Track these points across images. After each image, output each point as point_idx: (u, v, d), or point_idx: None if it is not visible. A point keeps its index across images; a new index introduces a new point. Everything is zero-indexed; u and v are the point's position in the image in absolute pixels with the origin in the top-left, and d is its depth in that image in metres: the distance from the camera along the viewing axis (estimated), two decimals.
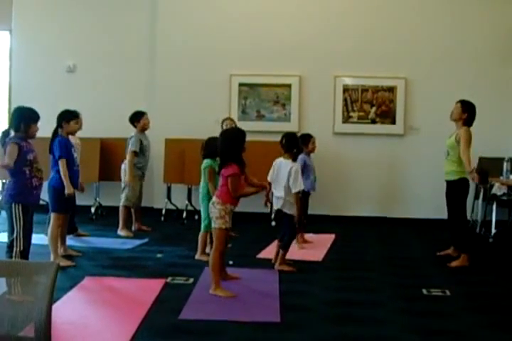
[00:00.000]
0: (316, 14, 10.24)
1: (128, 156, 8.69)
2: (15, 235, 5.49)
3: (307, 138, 8.30)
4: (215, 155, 6.40)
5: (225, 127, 7.36)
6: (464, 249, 7.09)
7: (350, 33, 10.16)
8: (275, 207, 6.78)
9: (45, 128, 7.38)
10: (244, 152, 5.71)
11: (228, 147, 5.64)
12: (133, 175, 8.66)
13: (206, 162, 6.76)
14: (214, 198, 5.72)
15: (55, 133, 7.01)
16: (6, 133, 5.77)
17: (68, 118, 7.06)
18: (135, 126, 8.87)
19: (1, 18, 10.93)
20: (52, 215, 6.88)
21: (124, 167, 8.79)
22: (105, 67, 10.69)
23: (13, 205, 5.54)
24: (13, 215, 5.52)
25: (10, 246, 5.53)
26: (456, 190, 7.15)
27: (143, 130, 8.90)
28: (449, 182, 7.22)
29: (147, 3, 10.61)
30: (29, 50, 10.89)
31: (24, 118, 5.76)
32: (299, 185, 6.52)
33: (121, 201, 8.76)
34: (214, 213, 5.64)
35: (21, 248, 5.49)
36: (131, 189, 8.72)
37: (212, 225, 5.72)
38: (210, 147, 6.70)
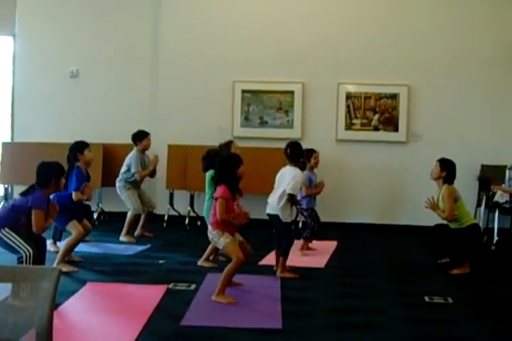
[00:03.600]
0: (319, 21, 10.26)
1: (138, 176, 8.77)
2: (16, 247, 5.49)
3: (310, 153, 8.17)
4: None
5: (233, 150, 7.30)
6: (460, 262, 7.08)
7: (354, 41, 10.18)
8: (267, 211, 6.76)
9: (49, 132, 7.42)
10: (242, 178, 5.80)
11: (222, 172, 5.75)
12: (124, 183, 8.78)
13: (211, 174, 6.73)
14: (209, 226, 5.78)
15: (71, 166, 7.10)
16: (32, 187, 5.74)
17: (81, 148, 7.22)
18: (136, 145, 8.89)
19: (5, 24, 10.95)
20: (70, 227, 6.83)
21: (119, 184, 8.84)
22: (108, 73, 10.71)
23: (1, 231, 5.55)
24: (5, 238, 5.52)
25: (18, 259, 5.54)
26: (468, 235, 7.11)
27: (143, 150, 8.92)
28: (458, 230, 7.17)
29: (150, 9, 10.63)
30: (32, 56, 10.91)
31: (55, 173, 5.78)
32: (294, 190, 6.53)
33: (130, 209, 8.80)
34: (213, 238, 5.72)
35: (30, 252, 5.44)
36: (132, 197, 8.75)
37: (219, 247, 5.76)
38: (211, 158, 6.73)
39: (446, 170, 7.21)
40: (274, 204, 6.64)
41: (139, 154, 8.84)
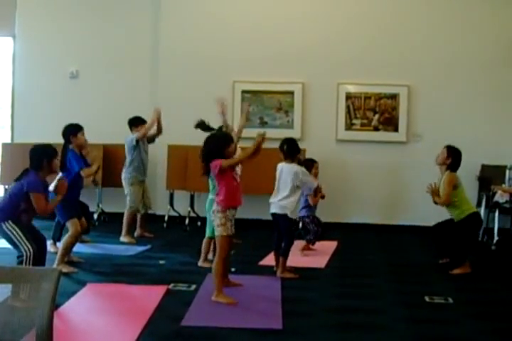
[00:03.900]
0: (319, 22, 10.26)
1: (140, 135, 8.68)
2: (18, 243, 5.48)
3: (310, 163, 8.18)
4: None
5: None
6: (461, 260, 7.08)
7: (354, 41, 10.18)
8: (272, 211, 6.76)
9: (49, 133, 7.42)
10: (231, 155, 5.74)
11: (213, 149, 5.64)
12: (130, 175, 8.75)
13: None
14: (214, 206, 5.73)
15: (65, 149, 7.03)
16: (26, 171, 5.71)
17: (74, 131, 7.11)
18: (131, 130, 8.85)
19: (5, 24, 10.96)
20: (68, 224, 6.82)
21: (124, 176, 8.80)
22: (108, 74, 10.72)
23: (2, 224, 5.52)
24: (9, 232, 5.50)
25: (18, 257, 5.53)
26: (469, 226, 7.15)
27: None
28: (460, 221, 7.20)
29: (150, 10, 10.64)
30: (32, 56, 10.91)
31: (46, 155, 5.74)
32: (312, 181, 6.67)
33: (126, 207, 8.78)
34: (215, 221, 5.65)
35: (30, 251, 5.43)
36: (133, 194, 8.73)
37: (215, 233, 5.73)
38: None
39: (452, 157, 7.24)
40: (278, 204, 6.65)
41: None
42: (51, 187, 6.08)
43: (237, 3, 10.52)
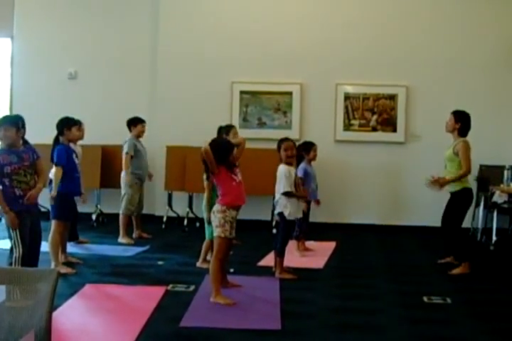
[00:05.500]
0: (317, 22, 10.25)
1: (123, 159, 8.71)
2: (12, 241, 5.46)
3: (309, 146, 8.24)
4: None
5: (232, 135, 7.29)
6: (463, 258, 7.08)
7: (352, 41, 10.17)
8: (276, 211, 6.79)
9: (47, 135, 7.41)
10: (234, 161, 5.76)
11: (216, 155, 5.63)
12: (130, 177, 8.69)
13: None
14: (215, 206, 5.73)
15: (56, 140, 7.00)
16: None
17: (69, 124, 7.03)
18: (130, 131, 8.87)
19: (3, 25, 10.95)
20: (53, 222, 6.87)
21: (122, 175, 8.79)
22: (106, 75, 10.71)
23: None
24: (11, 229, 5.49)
25: (10, 251, 5.52)
26: (460, 200, 7.14)
27: (137, 137, 8.88)
28: (452, 194, 7.21)
29: (148, 11, 10.63)
30: (30, 57, 10.90)
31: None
32: (282, 187, 6.53)
33: (120, 209, 8.77)
34: (214, 222, 5.66)
35: (20, 253, 5.43)
36: (130, 197, 8.72)
37: (214, 233, 5.73)
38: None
39: (461, 121, 7.20)
40: (277, 204, 6.67)
41: (133, 139, 8.81)
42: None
43: (236, 4, 10.51)
